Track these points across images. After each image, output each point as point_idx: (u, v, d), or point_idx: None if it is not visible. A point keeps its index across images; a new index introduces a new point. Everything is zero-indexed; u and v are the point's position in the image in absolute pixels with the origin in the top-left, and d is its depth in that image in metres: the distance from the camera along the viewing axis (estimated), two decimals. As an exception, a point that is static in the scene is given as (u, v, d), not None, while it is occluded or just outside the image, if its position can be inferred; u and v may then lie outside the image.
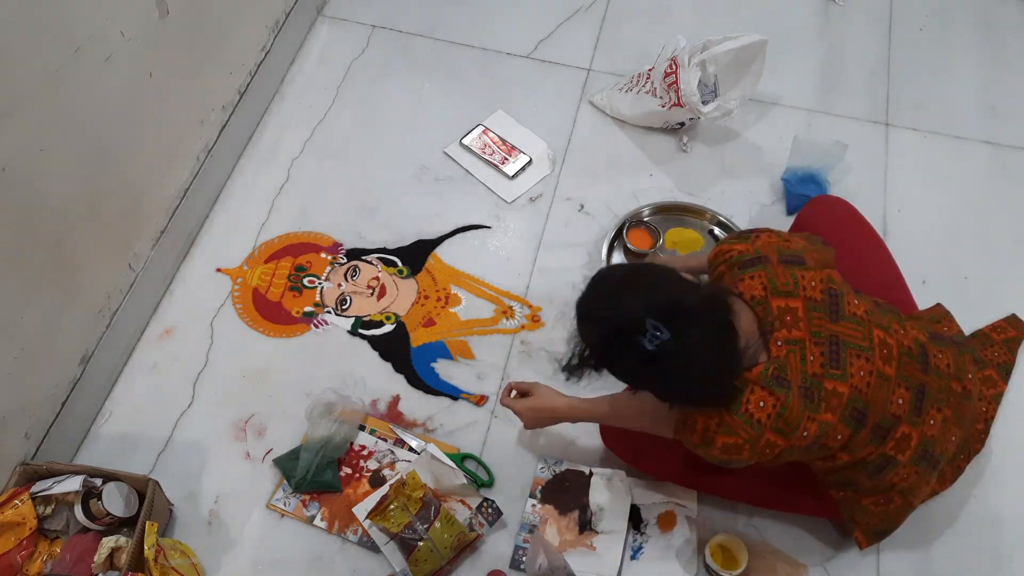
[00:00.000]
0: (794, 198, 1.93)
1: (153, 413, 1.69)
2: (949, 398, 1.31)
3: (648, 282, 1.20)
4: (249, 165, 2.03)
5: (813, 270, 1.27)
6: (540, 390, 1.50)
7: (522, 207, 1.97)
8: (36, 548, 1.44)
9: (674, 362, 1.13)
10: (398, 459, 1.63)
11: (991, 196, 1.99)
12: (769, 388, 1.18)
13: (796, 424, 1.19)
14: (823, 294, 1.24)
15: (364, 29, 2.28)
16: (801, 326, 1.21)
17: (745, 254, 1.29)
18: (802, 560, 1.50)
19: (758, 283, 1.25)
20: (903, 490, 1.32)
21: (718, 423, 1.20)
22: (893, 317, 1.31)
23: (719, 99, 1.92)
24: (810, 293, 1.24)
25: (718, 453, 1.21)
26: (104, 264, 1.64)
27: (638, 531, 1.55)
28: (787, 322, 1.22)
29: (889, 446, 1.26)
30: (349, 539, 1.55)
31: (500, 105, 2.12)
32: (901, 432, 1.26)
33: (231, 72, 1.95)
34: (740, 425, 1.18)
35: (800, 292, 1.24)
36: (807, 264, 1.28)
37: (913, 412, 1.27)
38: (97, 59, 1.46)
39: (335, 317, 1.82)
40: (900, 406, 1.25)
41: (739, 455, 1.21)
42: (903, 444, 1.27)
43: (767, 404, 1.18)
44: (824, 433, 1.21)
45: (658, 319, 1.11)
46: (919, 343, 1.30)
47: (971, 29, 2.30)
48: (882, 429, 1.25)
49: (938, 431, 1.29)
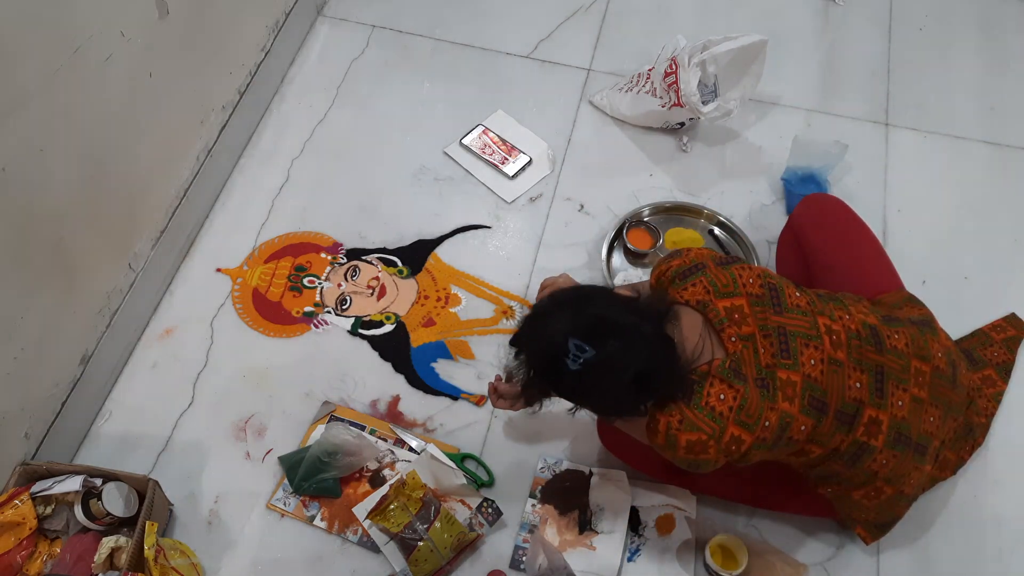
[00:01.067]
0: (794, 198, 1.93)
1: (153, 413, 1.69)
2: (917, 377, 1.31)
3: (574, 304, 1.22)
4: (249, 165, 2.03)
5: (748, 267, 1.31)
6: None
7: (522, 207, 1.97)
8: (36, 548, 1.44)
9: (598, 376, 1.15)
10: (398, 459, 1.63)
11: (991, 196, 1.99)
12: (728, 381, 1.20)
13: (757, 415, 1.19)
14: (762, 288, 1.28)
15: (364, 29, 2.28)
16: (749, 321, 1.24)
17: (682, 266, 1.32)
18: (802, 560, 1.50)
19: (700, 288, 1.28)
20: (888, 478, 1.31)
21: (680, 420, 1.20)
22: (836, 305, 1.33)
23: (719, 99, 1.92)
24: (751, 289, 1.27)
25: (683, 453, 1.21)
26: (104, 264, 1.64)
27: (636, 533, 1.55)
28: (735, 319, 1.24)
29: (859, 432, 1.26)
30: (349, 539, 1.55)
31: (500, 105, 2.12)
32: (868, 416, 1.26)
33: (231, 72, 1.95)
34: (702, 419, 1.19)
35: (741, 290, 1.27)
36: (741, 260, 1.33)
37: (875, 394, 1.27)
38: (97, 59, 1.46)
39: (335, 317, 1.82)
40: (859, 389, 1.26)
41: (704, 453, 1.20)
42: (873, 428, 1.26)
43: (727, 396, 1.19)
44: (785, 424, 1.21)
45: (581, 338, 1.14)
46: (867, 326, 1.31)
47: (971, 29, 2.30)
48: (846, 415, 1.25)
49: (908, 412, 1.29)
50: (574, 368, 1.14)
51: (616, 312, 1.20)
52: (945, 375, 1.35)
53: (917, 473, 1.34)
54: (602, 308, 1.20)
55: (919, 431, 1.31)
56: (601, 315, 1.18)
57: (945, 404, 1.34)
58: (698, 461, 1.22)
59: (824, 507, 1.43)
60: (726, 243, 1.90)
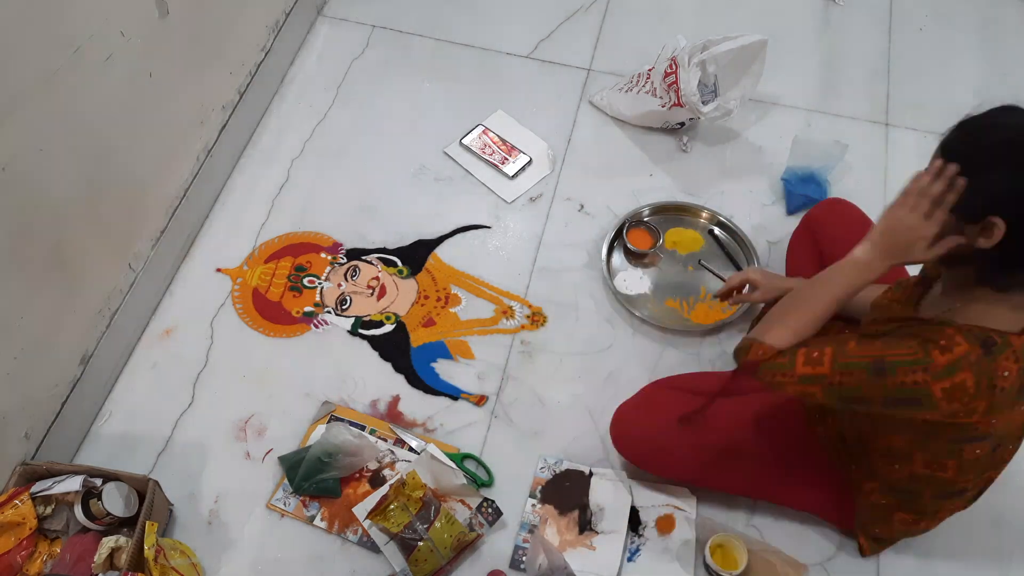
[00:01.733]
0: (794, 198, 1.93)
1: (153, 413, 1.69)
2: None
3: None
4: (249, 165, 2.03)
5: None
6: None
7: (522, 207, 1.97)
8: (36, 548, 1.44)
9: None
10: (398, 459, 1.63)
11: (991, 196, 1.99)
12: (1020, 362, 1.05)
13: (1007, 404, 1.07)
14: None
15: (364, 29, 2.28)
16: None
17: None
18: (802, 560, 1.50)
19: None
20: (939, 518, 1.32)
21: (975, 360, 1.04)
22: None
23: (719, 99, 1.92)
24: None
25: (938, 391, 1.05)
26: (104, 264, 1.64)
27: (636, 533, 1.55)
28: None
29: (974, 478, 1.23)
30: (349, 539, 1.55)
31: (500, 105, 2.12)
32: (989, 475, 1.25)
33: (231, 72, 1.95)
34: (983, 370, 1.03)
35: None
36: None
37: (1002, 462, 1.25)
38: (97, 59, 1.46)
39: (335, 317, 1.82)
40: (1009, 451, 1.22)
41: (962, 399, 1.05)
42: (983, 483, 1.25)
43: (1011, 375, 1.04)
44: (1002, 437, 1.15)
45: None
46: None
47: (971, 29, 2.30)
48: (993, 464, 1.22)
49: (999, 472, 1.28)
50: None
51: None
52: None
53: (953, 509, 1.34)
54: None
55: None
56: None
57: None
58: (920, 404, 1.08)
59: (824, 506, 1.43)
60: (726, 243, 1.90)
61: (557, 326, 1.80)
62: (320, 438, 1.61)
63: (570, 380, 1.72)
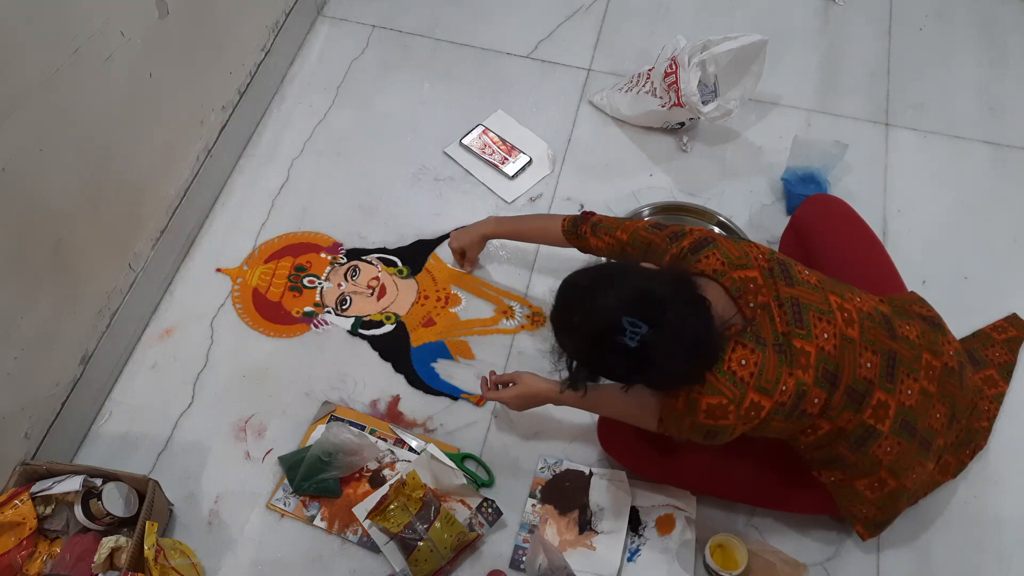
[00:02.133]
0: (794, 198, 1.93)
1: (153, 413, 1.69)
2: (927, 371, 1.31)
3: (614, 280, 1.20)
4: (249, 165, 2.03)
5: (756, 245, 1.33)
6: (522, 378, 1.51)
7: (522, 207, 1.97)
8: (36, 548, 1.44)
9: (659, 351, 1.14)
10: (398, 459, 1.63)
11: (991, 196, 1.99)
12: (750, 346, 1.20)
13: (775, 379, 1.20)
14: (770, 263, 1.29)
15: (364, 29, 2.28)
16: (764, 292, 1.25)
17: (693, 242, 1.33)
18: (802, 560, 1.50)
19: (715, 260, 1.29)
20: (892, 468, 1.31)
21: (701, 384, 1.20)
22: (846, 288, 1.34)
23: (719, 99, 1.92)
24: (762, 263, 1.28)
25: (703, 418, 1.21)
26: (104, 264, 1.64)
27: (636, 533, 1.55)
28: (751, 289, 1.25)
29: (867, 413, 1.26)
30: (349, 539, 1.55)
31: (500, 105, 2.12)
32: (877, 398, 1.26)
33: (231, 72, 1.95)
34: (724, 383, 1.19)
35: (754, 263, 1.28)
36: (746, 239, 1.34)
37: (885, 378, 1.27)
38: (97, 59, 1.46)
39: (335, 317, 1.82)
40: (869, 369, 1.26)
41: (724, 419, 1.20)
42: (881, 412, 1.26)
43: (748, 362, 1.19)
44: (802, 392, 1.21)
45: (632, 314, 1.13)
46: (880, 311, 1.32)
47: (971, 29, 2.30)
48: (856, 393, 1.25)
49: (916, 401, 1.29)
50: (632, 346, 1.12)
51: (658, 283, 1.19)
52: (954, 373, 1.35)
53: (920, 468, 1.34)
54: (642, 282, 1.19)
55: (925, 425, 1.31)
56: (645, 289, 1.17)
57: (951, 403, 1.35)
58: (717, 427, 1.22)
59: (824, 504, 1.43)
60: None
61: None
62: (320, 437, 1.61)
63: (570, 380, 1.72)
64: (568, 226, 1.55)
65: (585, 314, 1.18)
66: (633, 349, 1.13)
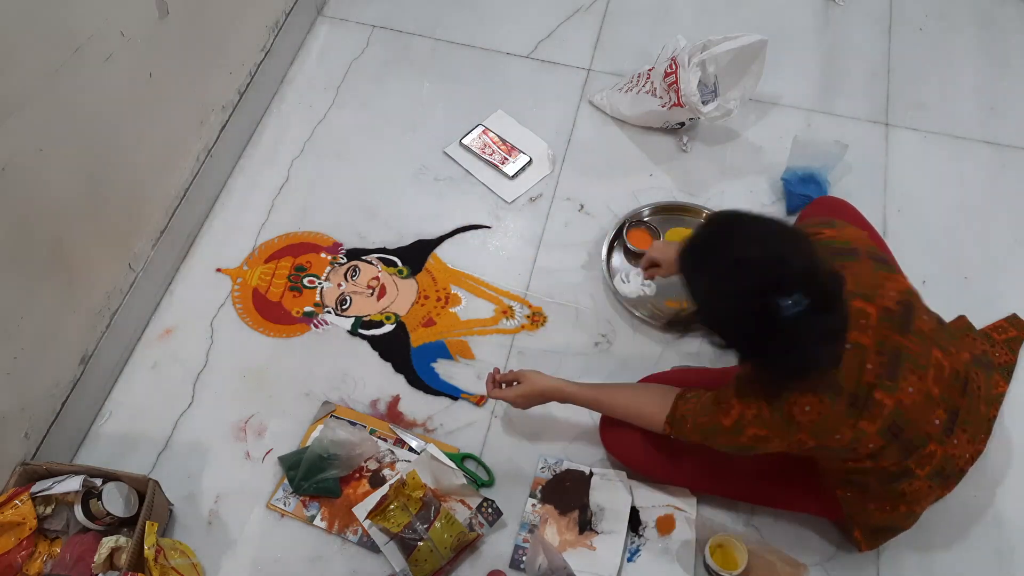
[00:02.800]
0: (794, 198, 1.93)
1: (153, 413, 1.69)
2: (976, 420, 1.31)
3: (797, 242, 1.11)
4: (249, 165, 2.03)
5: (895, 278, 1.24)
6: (527, 376, 1.50)
7: (522, 207, 1.97)
8: (36, 548, 1.44)
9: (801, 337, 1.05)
10: (398, 459, 1.63)
11: (991, 196, 1.99)
12: (819, 395, 1.15)
13: (835, 428, 1.17)
14: (898, 305, 1.20)
15: (364, 29, 2.28)
16: (870, 334, 1.17)
17: (836, 240, 1.24)
18: (802, 560, 1.50)
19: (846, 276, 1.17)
20: (910, 500, 1.32)
21: (755, 415, 1.16)
22: (951, 338, 1.28)
23: (719, 99, 1.92)
24: (887, 303, 1.19)
25: (746, 440, 1.19)
26: (104, 264, 1.64)
27: (636, 534, 1.55)
28: (859, 325, 1.17)
29: (912, 460, 1.25)
30: (349, 539, 1.55)
31: (500, 105, 2.12)
32: (929, 450, 1.25)
33: (231, 72, 1.95)
34: (776, 423, 1.16)
35: (878, 299, 1.19)
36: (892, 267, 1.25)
37: (945, 432, 1.26)
38: (97, 59, 1.46)
39: (335, 317, 1.82)
40: (936, 426, 1.24)
41: (766, 445, 1.19)
42: (925, 460, 1.26)
43: (812, 409, 1.15)
44: (858, 439, 1.19)
45: (803, 288, 1.03)
46: (966, 366, 1.28)
47: (971, 29, 2.30)
48: (912, 444, 1.23)
49: (958, 452, 1.29)
50: (786, 315, 1.02)
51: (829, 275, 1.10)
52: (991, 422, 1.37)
53: (932, 495, 1.35)
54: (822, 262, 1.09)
55: (955, 466, 1.32)
56: (826, 271, 1.09)
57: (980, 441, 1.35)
58: (756, 448, 1.20)
59: (826, 508, 1.43)
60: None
61: (557, 326, 1.80)
62: (318, 435, 1.60)
63: (570, 380, 1.72)
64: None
65: (769, 257, 1.06)
66: (782, 320, 1.02)
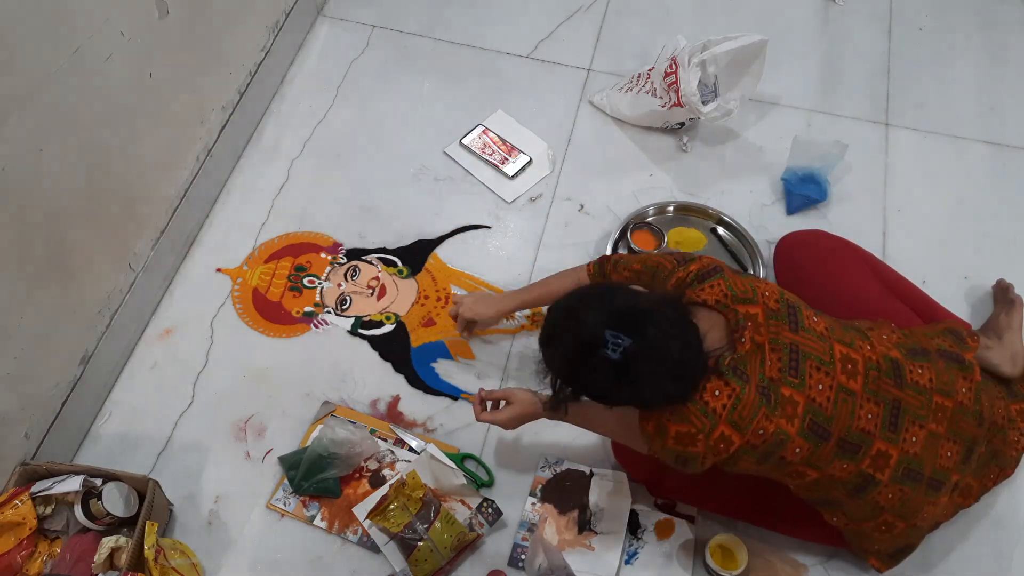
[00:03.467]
0: (794, 198, 1.93)
1: (153, 413, 1.69)
2: (936, 413, 1.29)
3: (599, 298, 1.20)
4: (249, 165, 2.03)
5: (766, 281, 1.30)
6: (516, 396, 1.47)
7: (522, 207, 1.97)
8: (36, 548, 1.44)
9: (641, 364, 1.13)
10: (398, 459, 1.63)
11: (991, 196, 1.99)
12: (725, 378, 1.18)
13: (751, 419, 1.18)
14: (779, 304, 1.26)
15: (364, 29, 2.28)
16: (762, 332, 1.22)
17: (701, 269, 1.31)
18: (802, 560, 1.50)
19: (718, 290, 1.26)
20: (898, 513, 1.30)
21: (672, 410, 1.20)
22: (857, 334, 1.31)
23: (719, 99, 1.92)
24: (768, 302, 1.25)
25: (672, 443, 1.20)
26: (104, 264, 1.64)
27: (635, 536, 1.54)
28: (750, 326, 1.23)
29: (865, 463, 1.25)
30: (349, 539, 1.55)
31: (500, 105, 2.12)
32: (876, 449, 1.25)
33: (231, 72, 1.95)
34: (694, 412, 1.18)
35: (759, 300, 1.25)
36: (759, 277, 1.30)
37: (888, 428, 1.25)
38: (97, 59, 1.46)
39: (335, 317, 1.82)
40: (869, 420, 1.24)
41: (693, 446, 1.19)
42: (880, 461, 1.25)
43: (722, 393, 1.18)
44: (780, 441, 1.20)
45: (615, 327, 1.12)
46: (889, 359, 1.29)
47: (971, 29, 2.30)
48: (850, 444, 1.23)
49: (921, 447, 1.27)
50: (615, 358, 1.11)
51: (643, 301, 1.19)
52: (968, 411, 1.33)
53: (931, 508, 1.33)
54: (628, 299, 1.19)
55: (934, 467, 1.30)
56: (630, 304, 1.17)
57: (966, 439, 1.33)
58: (686, 454, 1.21)
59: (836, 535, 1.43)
60: (729, 242, 1.90)
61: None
62: (318, 435, 1.61)
63: (570, 380, 1.72)
64: (595, 270, 1.53)
65: (569, 329, 1.18)
66: (615, 363, 1.12)
